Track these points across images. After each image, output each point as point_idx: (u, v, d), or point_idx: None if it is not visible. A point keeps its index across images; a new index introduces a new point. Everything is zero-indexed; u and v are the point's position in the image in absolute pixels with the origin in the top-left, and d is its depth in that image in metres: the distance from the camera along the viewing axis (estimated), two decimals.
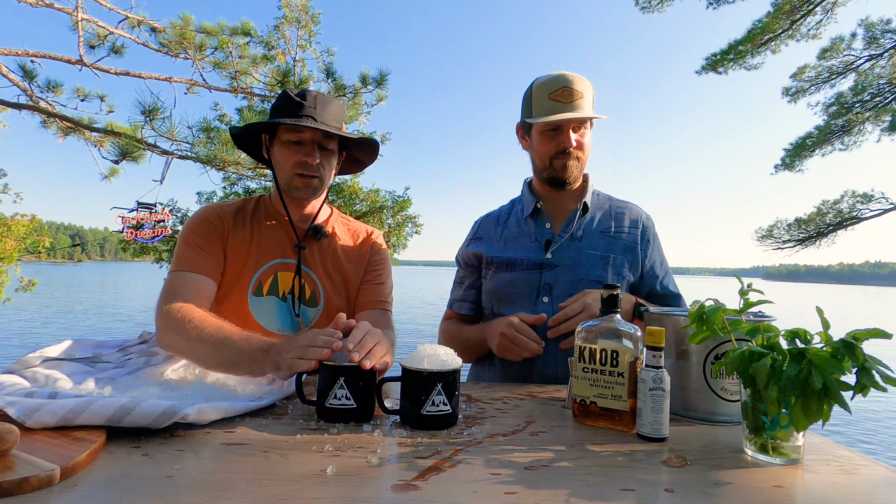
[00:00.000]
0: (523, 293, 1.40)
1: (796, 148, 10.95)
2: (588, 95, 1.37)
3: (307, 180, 1.31)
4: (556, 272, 1.38)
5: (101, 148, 5.50)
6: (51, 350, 1.02)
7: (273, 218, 1.38)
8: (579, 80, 1.36)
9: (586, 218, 1.45)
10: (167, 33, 5.56)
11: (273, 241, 1.35)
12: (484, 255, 1.50)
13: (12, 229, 7.14)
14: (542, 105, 1.37)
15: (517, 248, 1.45)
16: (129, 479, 0.60)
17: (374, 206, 9.13)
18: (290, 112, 1.27)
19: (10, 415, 0.71)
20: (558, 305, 1.28)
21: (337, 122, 1.33)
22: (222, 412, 0.81)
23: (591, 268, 1.37)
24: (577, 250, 1.39)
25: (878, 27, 9.63)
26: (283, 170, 1.31)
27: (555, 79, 1.36)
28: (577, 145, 1.38)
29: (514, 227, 1.50)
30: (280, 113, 1.29)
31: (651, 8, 9.97)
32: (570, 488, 0.62)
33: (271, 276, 1.32)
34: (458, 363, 0.87)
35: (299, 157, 1.29)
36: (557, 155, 1.39)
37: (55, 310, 18.73)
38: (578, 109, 1.35)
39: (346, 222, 1.50)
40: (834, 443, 0.84)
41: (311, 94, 1.30)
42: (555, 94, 1.35)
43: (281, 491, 0.59)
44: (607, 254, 1.39)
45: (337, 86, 6.37)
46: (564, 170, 1.40)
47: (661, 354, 0.83)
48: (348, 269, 1.40)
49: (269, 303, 1.30)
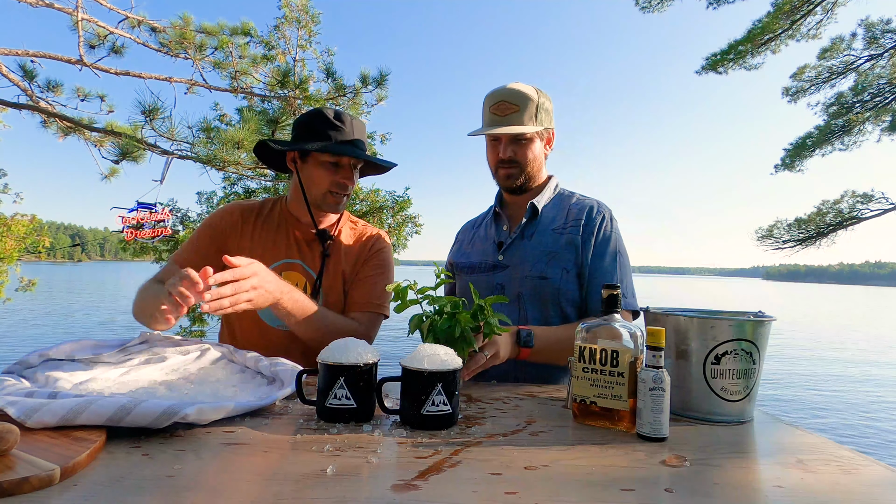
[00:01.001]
0: (481, 294, 1.44)
1: (796, 148, 10.95)
2: (527, 108, 1.38)
3: (340, 198, 1.41)
4: (506, 272, 1.43)
5: (101, 148, 5.50)
6: (51, 350, 1.02)
7: (285, 220, 1.46)
8: (517, 94, 1.38)
9: (539, 218, 1.46)
10: (167, 33, 5.55)
11: (282, 243, 1.43)
12: (454, 262, 1.59)
13: (12, 229, 7.14)
14: (484, 116, 1.43)
15: (478, 252, 1.52)
16: (129, 479, 0.60)
17: (374, 206, 9.12)
18: (331, 135, 1.36)
19: (10, 415, 0.71)
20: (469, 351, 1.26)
21: (365, 140, 1.43)
22: (222, 412, 0.81)
23: (535, 264, 1.39)
24: (525, 248, 1.43)
25: (878, 27, 9.63)
26: (316, 186, 1.39)
27: (494, 92, 1.41)
28: (511, 157, 1.42)
29: (482, 231, 1.58)
30: (319, 134, 1.36)
31: (651, 8, 9.97)
32: (570, 488, 0.62)
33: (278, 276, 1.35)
34: (458, 363, 0.87)
35: (337, 178, 1.38)
36: (499, 165, 1.45)
37: (55, 310, 18.73)
38: (512, 123, 1.38)
39: (353, 224, 1.56)
40: (834, 443, 0.84)
41: (346, 116, 1.39)
42: (493, 106, 1.40)
43: (281, 491, 0.59)
44: (552, 249, 1.40)
45: (337, 86, 6.36)
46: (505, 178, 1.46)
47: (661, 354, 0.83)
48: (345, 268, 1.46)
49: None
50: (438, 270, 1.18)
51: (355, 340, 0.91)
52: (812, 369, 10.73)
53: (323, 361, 0.88)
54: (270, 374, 1.07)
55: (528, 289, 1.39)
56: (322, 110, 1.39)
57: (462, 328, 1.03)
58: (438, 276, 1.17)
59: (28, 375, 0.92)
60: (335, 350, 0.89)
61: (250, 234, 1.43)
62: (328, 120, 1.37)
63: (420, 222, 9.89)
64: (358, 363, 0.87)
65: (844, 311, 33.64)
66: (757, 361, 0.94)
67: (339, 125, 1.37)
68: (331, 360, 0.87)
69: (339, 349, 0.89)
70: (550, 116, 1.47)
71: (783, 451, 0.81)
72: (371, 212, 9.07)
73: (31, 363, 0.96)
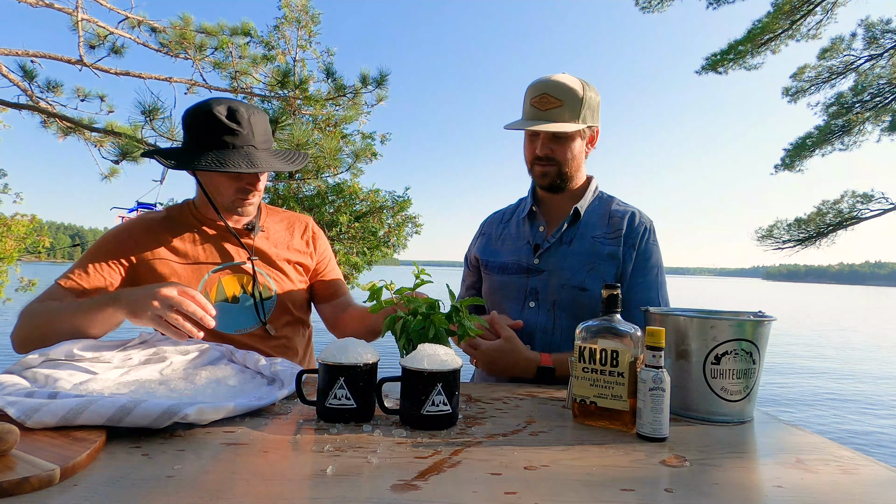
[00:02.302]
0: (512, 297, 1.41)
1: (796, 148, 10.95)
2: (571, 103, 1.30)
3: (250, 202, 1.30)
4: (542, 277, 1.37)
5: (101, 148, 5.50)
6: (51, 350, 1.01)
7: (204, 225, 1.35)
8: (561, 88, 1.30)
9: (579, 222, 1.40)
10: (167, 33, 5.56)
11: (211, 249, 1.33)
12: (480, 258, 1.52)
13: (12, 229, 7.14)
14: (525, 108, 1.35)
15: (511, 251, 1.45)
16: (129, 479, 0.60)
17: (374, 206, 9.12)
18: (223, 141, 1.20)
19: (10, 415, 0.71)
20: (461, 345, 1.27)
21: (268, 139, 1.30)
22: (222, 412, 0.81)
23: (574, 273, 1.33)
24: (564, 255, 1.36)
25: (878, 27, 9.63)
26: (221, 194, 1.28)
27: (537, 84, 1.32)
28: (548, 155, 1.34)
29: (514, 227, 1.50)
30: (210, 140, 1.21)
31: (651, 8, 9.98)
32: (570, 488, 0.62)
33: (216, 284, 1.31)
34: (458, 363, 0.87)
35: (242, 184, 1.26)
36: (535, 161, 1.38)
37: None
38: (552, 118, 1.29)
39: (276, 213, 1.50)
40: (834, 443, 0.84)
41: (241, 113, 1.22)
42: (535, 99, 1.32)
43: (281, 491, 0.59)
44: (592, 260, 1.34)
45: (337, 86, 6.36)
46: (540, 177, 1.39)
47: (661, 354, 0.83)
48: (291, 256, 1.42)
49: (220, 310, 1.23)
50: (417, 271, 1.15)
51: (355, 340, 0.91)
52: (812, 369, 10.73)
53: (323, 361, 0.88)
54: (270, 374, 1.07)
55: (565, 298, 1.33)
56: (213, 109, 1.20)
57: (436, 329, 1.02)
58: (418, 277, 1.14)
59: (28, 375, 0.92)
60: (335, 350, 0.89)
61: (167, 242, 1.30)
62: (221, 122, 1.20)
63: (420, 222, 9.89)
64: (358, 363, 0.87)
65: (845, 311, 33.66)
66: (757, 361, 0.94)
67: (234, 127, 1.21)
68: (331, 360, 0.87)
69: (339, 349, 0.89)
70: (596, 114, 1.37)
71: (783, 451, 0.81)
72: (371, 212, 9.07)
73: (30, 363, 0.96)
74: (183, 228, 1.33)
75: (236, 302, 1.32)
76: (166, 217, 1.35)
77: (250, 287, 1.34)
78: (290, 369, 1.06)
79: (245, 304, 1.33)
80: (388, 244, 9.56)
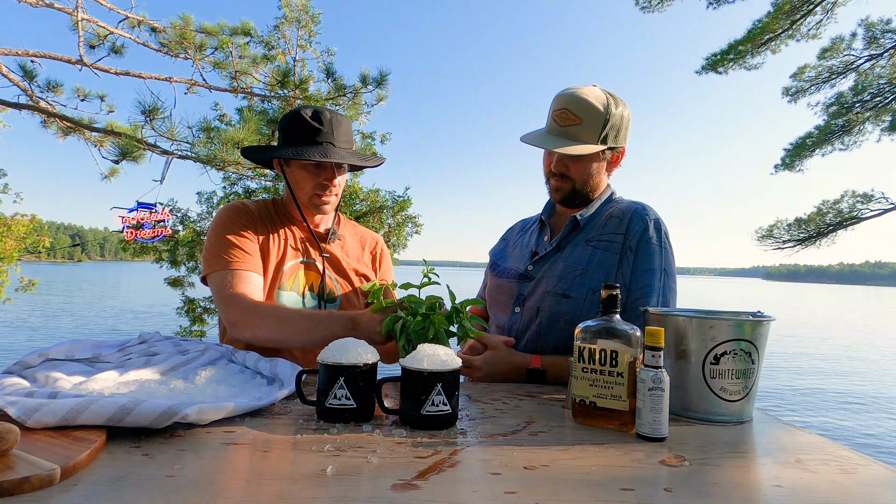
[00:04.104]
0: (504, 300, 1.42)
1: (796, 148, 10.95)
2: (592, 123, 1.24)
3: (327, 199, 1.40)
4: (531, 284, 1.36)
5: (101, 148, 5.50)
6: (51, 350, 1.02)
7: (289, 220, 1.47)
8: (583, 105, 1.24)
9: (578, 230, 1.36)
10: (167, 33, 5.56)
11: (293, 242, 1.44)
12: (491, 260, 1.57)
13: (12, 229, 7.15)
14: (548, 119, 1.33)
15: (515, 257, 1.48)
16: (129, 479, 0.60)
17: (374, 206, 9.12)
18: (308, 138, 1.34)
19: (10, 415, 0.71)
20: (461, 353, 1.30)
21: (348, 141, 1.41)
22: (222, 412, 0.81)
23: (560, 280, 1.29)
24: (554, 262, 1.34)
25: (878, 27, 9.62)
26: (301, 189, 1.40)
27: (562, 96, 1.28)
28: (563, 172, 1.32)
29: (527, 237, 1.52)
30: (296, 138, 1.35)
31: (651, 8, 9.97)
32: (570, 488, 0.62)
33: (294, 274, 1.41)
34: (458, 363, 0.87)
35: (320, 179, 1.38)
36: (551, 175, 1.37)
37: (55, 310, 18.72)
38: (569, 136, 1.25)
39: (353, 227, 1.61)
40: (834, 443, 0.84)
41: (325, 116, 1.36)
42: (556, 112, 1.29)
43: (281, 491, 0.59)
44: (582, 266, 1.28)
45: (337, 86, 6.36)
46: (554, 191, 1.38)
47: (660, 354, 0.83)
48: (359, 268, 1.52)
49: (290, 298, 1.39)
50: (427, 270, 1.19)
51: (355, 340, 0.91)
52: (812, 369, 10.73)
53: (323, 361, 0.88)
54: (270, 374, 1.07)
55: (548, 305, 1.29)
56: (300, 112, 1.36)
57: (436, 330, 1.03)
58: (426, 276, 1.17)
59: (28, 375, 0.92)
60: (335, 350, 0.89)
61: (266, 231, 1.41)
62: (305, 122, 1.34)
63: (420, 222, 9.89)
64: (358, 363, 0.87)
65: (845, 311, 33.64)
66: (756, 361, 0.94)
67: (316, 126, 1.34)
68: (331, 360, 0.87)
69: (339, 349, 0.89)
70: (622, 133, 1.31)
71: (782, 450, 0.81)
72: (371, 212, 9.06)
73: (30, 363, 0.96)
74: (271, 218, 1.45)
75: (304, 296, 1.42)
76: (256, 206, 1.46)
77: (318, 285, 1.43)
78: (290, 369, 1.07)
79: (310, 301, 1.42)
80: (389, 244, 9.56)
